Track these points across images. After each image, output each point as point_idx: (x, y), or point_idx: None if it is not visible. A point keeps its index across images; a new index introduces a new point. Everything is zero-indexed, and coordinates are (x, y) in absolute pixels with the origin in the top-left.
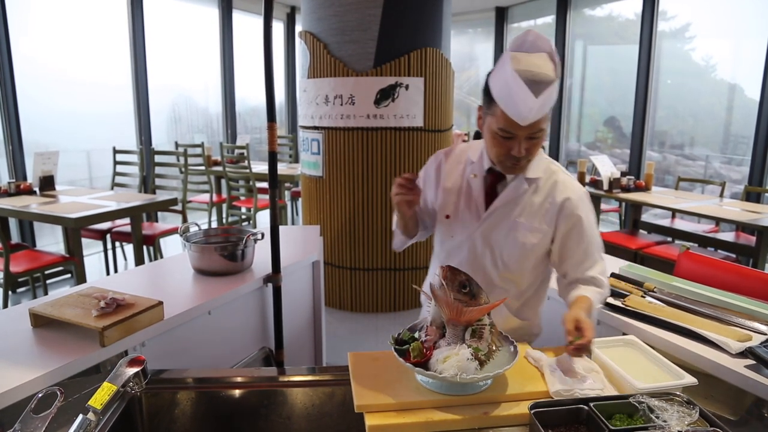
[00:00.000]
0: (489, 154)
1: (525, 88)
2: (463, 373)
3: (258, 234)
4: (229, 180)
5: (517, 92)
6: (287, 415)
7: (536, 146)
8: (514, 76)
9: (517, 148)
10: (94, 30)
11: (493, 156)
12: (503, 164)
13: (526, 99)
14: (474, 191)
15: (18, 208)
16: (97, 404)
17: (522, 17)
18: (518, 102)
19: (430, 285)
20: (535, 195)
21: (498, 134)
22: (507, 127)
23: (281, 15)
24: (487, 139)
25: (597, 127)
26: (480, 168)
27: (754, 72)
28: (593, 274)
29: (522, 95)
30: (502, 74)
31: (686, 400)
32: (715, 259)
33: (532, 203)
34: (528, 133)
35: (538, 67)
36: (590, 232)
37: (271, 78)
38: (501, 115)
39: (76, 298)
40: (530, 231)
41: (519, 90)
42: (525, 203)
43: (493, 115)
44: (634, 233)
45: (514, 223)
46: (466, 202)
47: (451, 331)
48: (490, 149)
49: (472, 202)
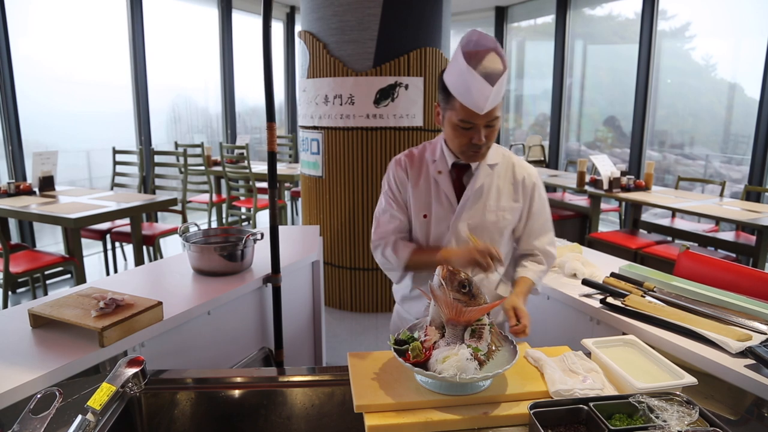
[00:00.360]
0: (451, 146)
1: (481, 80)
2: (463, 374)
3: (257, 234)
4: (228, 180)
5: (473, 84)
6: (287, 415)
7: (493, 133)
8: (469, 71)
9: (477, 137)
10: (93, 30)
11: (455, 147)
12: (466, 154)
13: (482, 89)
14: (443, 187)
15: (18, 209)
16: (96, 405)
17: (521, 17)
18: (475, 93)
19: (429, 285)
20: (498, 178)
21: (459, 126)
22: (467, 118)
23: (281, 15)
24: (448, 133)
25: (597, 126)
26: (443, 164)
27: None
28: (548, 248)
29: (478, 86)
30: (456, 70)
31: (686, 400)
32: (715, 258)
33: (498, 186)
34: (486, 122)
35: (489, 60)
36: (547, 207)
37: (271, 78)
38: (460, 107)
39: (76, 299)
40: (503, 211)
41: (475, 82)
42: (492, 187)
43: (452, 109)
44: (634, 233)
45: (487, 207)
46: (437, 198)
47: (450, 331)
48: (452, 141)
49: (444, 198)
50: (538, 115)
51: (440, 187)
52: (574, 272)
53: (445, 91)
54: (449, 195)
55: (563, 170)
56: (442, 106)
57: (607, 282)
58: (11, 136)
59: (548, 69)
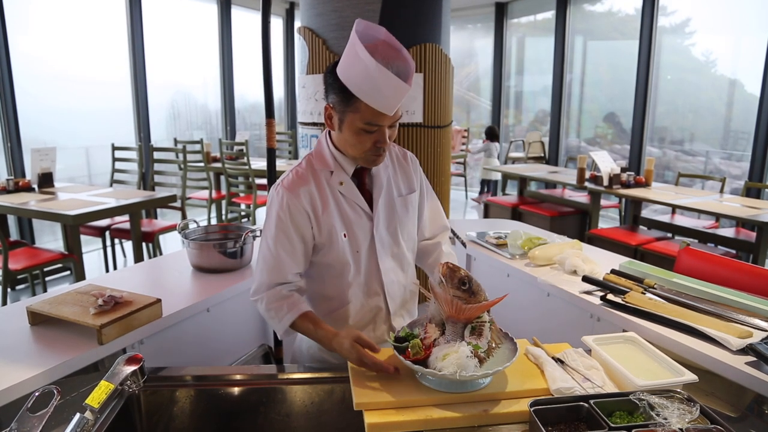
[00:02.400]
0: (351, 152)
1: (395, 79)
2: (463, 371)
3: (257, 231)
4: (228, 176)
5: (385, 84)
6: (286, 412)
7: (395, 131)
8: (380, 68)
9: (383, 138)
10: (92, 27)
11: (357, 153)
12: (367, 158)
13: (398, 89)
14: (352, 197)
15: (17, 206)
16: (94, 403)
17: (521, 13)
18: (388, 93)
19: (429, 282)
20: (392, 168)
21: (363, 129)
22: (374, 120)
23: (280, 11)
24: (349, 138)
25: (597, 122)
26: (343, 174)
27: (755, 67)
28: (447, 224)
29: (393, 85)
30: (360, 68)
31: (687, 397)
32: (715, 255)
33: (396, 175)
34: (391, 122)
35: (396, 56)
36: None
37: (270, 74)
38: (365, 109)
39: (74, 296)
40: (409, 196)
41: (388, 81)
42: (392, 179)
43: (355, 112)
44: (634, 229)
45: (397, 200)
46: (353, 210)
47: (450, 328)
48: (354, 147)
49: (356, 208)
50: (538, 112)
51: (348, 198)
52: (574, 269)
53: (344, 91)
54: (361, 204)
55: (563, 167)
56: (339, 109)
57: (608, 279)
58: (10, 132)
59: (548, 65)
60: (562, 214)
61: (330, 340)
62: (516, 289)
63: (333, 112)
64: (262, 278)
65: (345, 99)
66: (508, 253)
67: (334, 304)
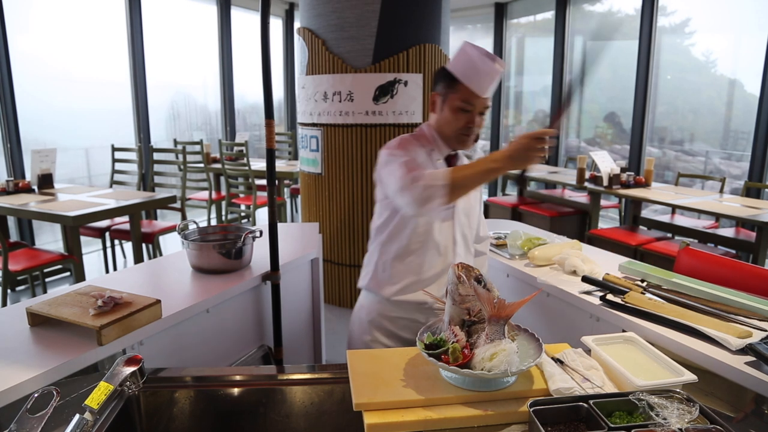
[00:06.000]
0: (447, 130)
1: (491, 65)
2: (512, 367)
3: (256, 231)
4: (228, 177)
5: (483, 68)
6: (286, 413)
7: (483, 122)
8: (482, 57)
9: (474, 120)
10: (92, 27)
11: (451, 131)
12: (460, 138)
13: (491, 72)
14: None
15: (16, 207)
16: (93, 404)
17: (521, 13)
18: (483, 76)
19: (447, 289)
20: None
21: (460, 108)
22: (469, 99)
23: (280, 11)
24: (447, 117)
25: (596, 122)
26: (439, 153)
27: (754, 67)
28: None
29: (488, 70)
30: (464, 59)
31: (686, 397)
32: (715, 255)
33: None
34: (481, 108)
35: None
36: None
37: (269, 75)
38: (463, 90)
39: (74, 297)
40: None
41: (485, 66)
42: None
43: (455, 92)
44: (633, 229)
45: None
46: None
47: (492, 327)
48: (450, 125)
49: None
50: (537, 112)
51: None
52: (573, 269)
53: (448, 78)
54: None
55: (563, 167)
56: (442, 93)
57: (607, 279)
58: (10, 133)
59: (548, 65)
60: (561, 214)
61: (494, 156)
62: (516, 289)
63: (437, 97)
64: (403, 173)
65: (448, 84)
66: (508, 254)
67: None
